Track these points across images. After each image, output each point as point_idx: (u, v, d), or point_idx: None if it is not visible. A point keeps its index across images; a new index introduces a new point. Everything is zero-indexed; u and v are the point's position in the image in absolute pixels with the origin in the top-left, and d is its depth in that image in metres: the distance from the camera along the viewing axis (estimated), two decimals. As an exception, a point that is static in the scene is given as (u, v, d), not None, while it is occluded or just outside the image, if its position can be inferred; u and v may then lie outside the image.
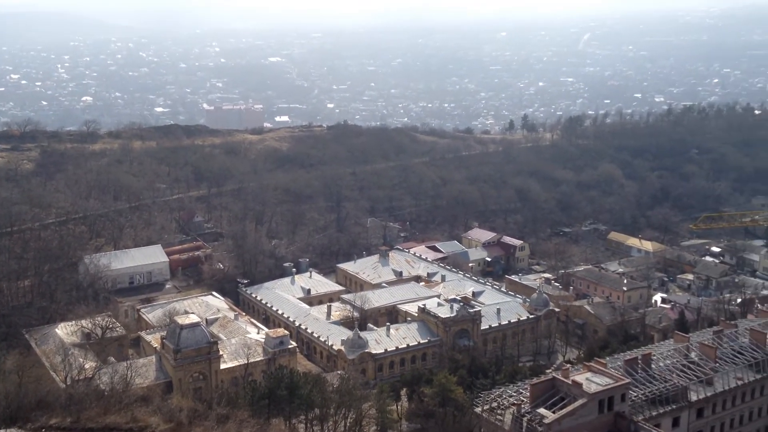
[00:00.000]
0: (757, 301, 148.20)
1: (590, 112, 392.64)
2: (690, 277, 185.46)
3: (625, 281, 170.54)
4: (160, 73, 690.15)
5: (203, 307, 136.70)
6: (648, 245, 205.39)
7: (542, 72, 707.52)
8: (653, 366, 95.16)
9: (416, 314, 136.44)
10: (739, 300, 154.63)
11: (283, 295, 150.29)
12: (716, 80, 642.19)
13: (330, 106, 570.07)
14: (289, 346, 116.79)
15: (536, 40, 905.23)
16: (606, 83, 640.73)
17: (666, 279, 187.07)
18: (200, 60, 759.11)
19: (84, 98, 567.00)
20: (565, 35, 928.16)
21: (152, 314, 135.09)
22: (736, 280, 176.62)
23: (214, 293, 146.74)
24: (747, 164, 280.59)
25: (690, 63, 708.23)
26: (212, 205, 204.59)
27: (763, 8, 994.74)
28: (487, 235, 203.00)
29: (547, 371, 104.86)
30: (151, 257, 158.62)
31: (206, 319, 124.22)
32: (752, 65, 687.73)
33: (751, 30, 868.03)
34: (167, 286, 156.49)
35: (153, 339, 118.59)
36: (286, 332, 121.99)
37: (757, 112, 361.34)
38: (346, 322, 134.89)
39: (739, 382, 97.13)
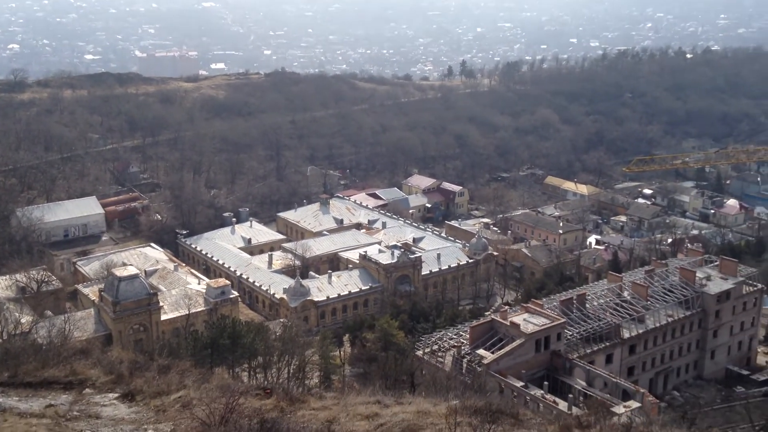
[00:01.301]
0: (686, 240, 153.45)
1: (527, 58, 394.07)
2: (623, 218, 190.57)
3: (561, 224, 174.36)
4: (89, 18, 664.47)
5: (141, 258, 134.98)
6: (583, 189, 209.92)
7: (480, 17, 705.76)
8: (588, 305, 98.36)
9: (357, 261, 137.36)
10: (669, 240, 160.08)
11: (223, 245, 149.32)
12: (649, 24, 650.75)
13: (267, 53, 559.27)
14: (231, 296, 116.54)
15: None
16: (543, 28, 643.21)
17: (600, 221, 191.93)
18: (131, 5, 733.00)
19: (10, 46, 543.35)
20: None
21: (89, 267, 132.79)
22: (667, 221, 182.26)
23: (152, 244, 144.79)
24: (679, 108, 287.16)
25: (624, 7, 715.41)
26: (148, 156, 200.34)
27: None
28: (426, 182, 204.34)
29: (486, 313, 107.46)
30: (85, 209, 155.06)
31: (145, 271, 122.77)
32: (684, 9, 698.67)
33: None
34: (104, 238, 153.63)
35: (90, 292, 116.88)
36: (228, 282, 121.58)
37: (688, 56, 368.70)
38: (288, 271, 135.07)
39: (669, 319, 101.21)
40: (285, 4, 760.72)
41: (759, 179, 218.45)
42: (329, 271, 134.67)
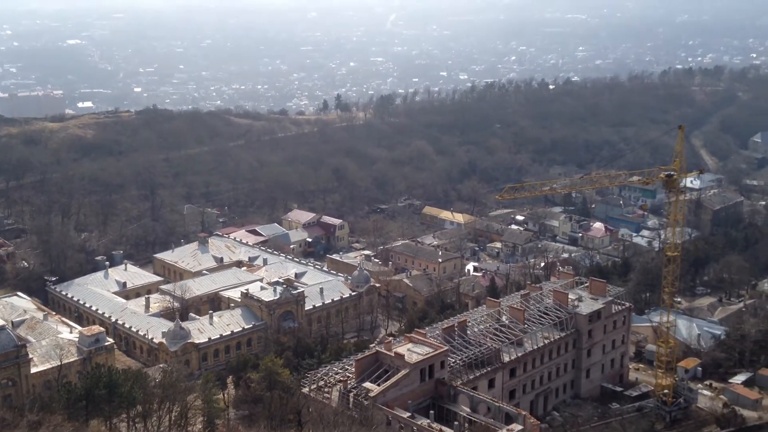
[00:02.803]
0: (558, 264, 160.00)
1: (400, 91, 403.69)
2: (498, 245, 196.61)
3: (440, 253, 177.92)
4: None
5: (8, 309, 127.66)
6: (459, 217, 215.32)
7: (353, 52, 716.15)
8: (469, 332, 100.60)
9: (239, 300, 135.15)
10: (542, 264, 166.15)
11: (96, 290, 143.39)
12: (514, 57, 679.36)
13: (137, 90, 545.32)
14: (106, 343, 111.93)
15: (345, 21, 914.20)
16: (414, 62, 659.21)
17: (477, 248, 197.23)
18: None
19: None
20: (372, 15, 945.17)
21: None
22: (539, 246, 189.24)
23: (19, 293, 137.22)
24: (545, 136, 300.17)
25: (490, 41, 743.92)
26: (12, 200, 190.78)
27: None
28: (306, 216, 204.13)
29: (371, 346, 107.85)
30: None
31: (12, 322, 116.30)
32: (545, 42, 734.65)
33: (543, 9, 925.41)
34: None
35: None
36: (102, 329, 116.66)
37: (551, 86, 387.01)
38: (167, 314, 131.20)
39: (546, 341, 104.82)
40: (155, 40, 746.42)
41: (621, 202, 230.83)
42: (210, 312, 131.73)
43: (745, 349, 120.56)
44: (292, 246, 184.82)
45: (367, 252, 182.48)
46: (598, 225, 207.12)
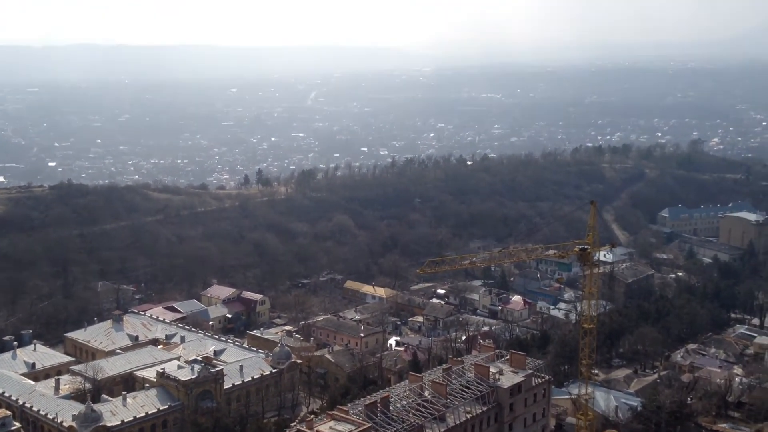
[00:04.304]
0: (479, 337, 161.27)
1: (322, 166, 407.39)
2: (420, 319, 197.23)
3: (362, 328, 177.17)
4: None
5: None
6: (381, 291, 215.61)
7: (274, 127, 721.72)
8: (391, 408, 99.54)
9: (155, 380, 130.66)
10: (464, 337, 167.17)
11: (2, 372, 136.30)
12: (432, 134, 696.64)
13: (52, 164, 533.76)
14: (12, 428, 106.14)
15: (267, 97, 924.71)
16: (335, 138, 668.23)
17: (399, 322, 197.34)
18: None
19: None
20: (293, 92, 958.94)
21: None
22: (461, 319, 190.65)
23: None
24: (463, 211, 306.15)
25: (409, 118, 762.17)
26: None
27: (467, 69, 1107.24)
28: (226, 292, 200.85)
29: (292, 425, 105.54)
30: None
31: None
32: (463, 120, 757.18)
33: (459, 89, 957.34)
34: None
35: None
36: (8, 413, 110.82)
37: (469, 162, 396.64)
38: (78, 396, 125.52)
39: (468, 416, 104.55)
40: (71, 115, 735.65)
41: (539, 275, 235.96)
42: (124, 393, 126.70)
43: (661, 420, 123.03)
44: (211, 322, 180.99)
45: (288, 327, 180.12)
46: (516, 298, 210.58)
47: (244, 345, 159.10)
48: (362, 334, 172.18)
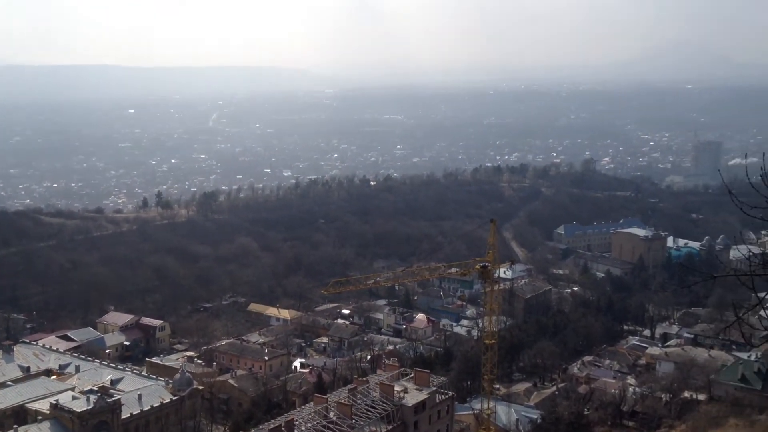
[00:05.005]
0: (384, 356, 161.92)
1: (224, 188, 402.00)
2: (325, 340, 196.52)
3: (266, 351, 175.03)
4: None
5: None
6: (285, 313, 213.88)
7: (174, 149, 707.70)
8: (296, 431, 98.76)
9: (48, 412, 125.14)
10: (369, 357, 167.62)
11: None
12: (336, 155, 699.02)
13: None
14: None
15: (167, 118, 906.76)
16: (237, 159, 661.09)
17: (304, 344, 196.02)
18: None
19: None
20: (195, 113, 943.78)
21: None
22: (365, 339, 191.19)
23: None
24: (367, 231, 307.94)
25: (312, 139, 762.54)
26: None
27: (370, 91, 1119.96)
28: (124, 318, 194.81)
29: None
30: None
31: None
32: (365, 141, 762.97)
33: (362, 110, 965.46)
34: None
35: None
36: None
37: (372, 183, 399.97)
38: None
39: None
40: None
41: (441, 293, 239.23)
42: (15, 426, 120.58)
43: (559, 431, 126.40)
44: (107, 351, 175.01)
45: (189, 353, 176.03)
46: (420, 316, 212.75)
47: (143, 373, 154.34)
48: (266, 358, 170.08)
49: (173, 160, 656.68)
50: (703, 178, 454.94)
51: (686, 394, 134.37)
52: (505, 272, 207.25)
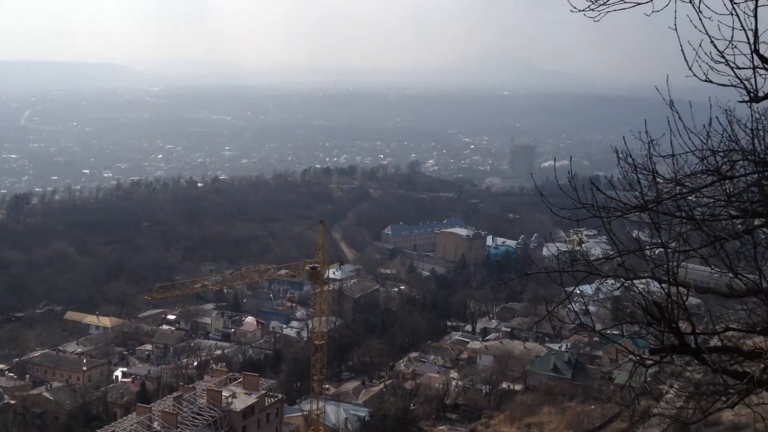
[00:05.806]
0: (211, 361, 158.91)
1: (38, 189, 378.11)
2: (149, 347, 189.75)
3: (85, 361, 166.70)
4: None
5: None
6: (106, 321, 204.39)
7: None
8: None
9: None
10: (195, 363, 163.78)
11: None
12: (160, 156, 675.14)
13: None
14: None
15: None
16: (52, 159, 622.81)
17: (126, 352, 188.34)
18: None
19: None
20: (5, 110, 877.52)
21: None
22: (192, 345, 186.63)
23: None
24: (194, 233, 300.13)
25: (135, 139, 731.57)
26: None
27: (198, 90, 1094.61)
28: None
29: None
30: None
31: None
32: (192, 141, 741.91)
33: (188, 110, 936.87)
34: None
35: None
36: None
37: (199, 184, 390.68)
38: None
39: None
40: None
41: (271, 295, 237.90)
42: None
43: (387, 427, 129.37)
44: None
45: (0, 366, 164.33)
46: (249, 319, 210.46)
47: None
48: (85, 368, 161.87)
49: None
50: (519, 180, 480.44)
51: (504, 385, 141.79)
52: (334, 273, 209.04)
